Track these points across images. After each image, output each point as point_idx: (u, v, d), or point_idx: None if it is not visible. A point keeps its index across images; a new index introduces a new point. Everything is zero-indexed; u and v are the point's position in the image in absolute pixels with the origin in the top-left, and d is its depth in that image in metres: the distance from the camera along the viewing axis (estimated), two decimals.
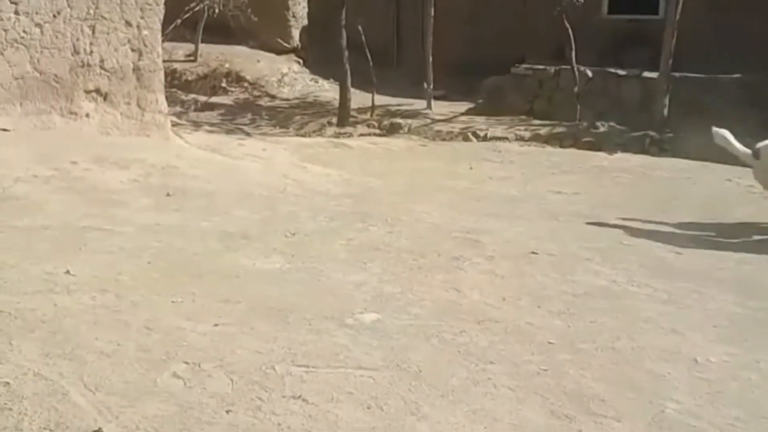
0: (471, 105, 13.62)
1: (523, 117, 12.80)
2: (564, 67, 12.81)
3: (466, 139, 11.82)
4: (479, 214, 6.49)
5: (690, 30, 11.56)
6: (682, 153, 10.15)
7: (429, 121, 12.90)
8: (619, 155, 10.01)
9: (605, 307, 4.38)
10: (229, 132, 12.12)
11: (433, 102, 13.54)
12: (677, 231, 6.17)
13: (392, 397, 3.16)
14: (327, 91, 15.13)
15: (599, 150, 10.58)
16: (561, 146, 11.15)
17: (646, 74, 12.33)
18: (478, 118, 12.86)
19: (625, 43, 13.29)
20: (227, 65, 15.41)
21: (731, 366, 3.65)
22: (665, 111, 11.63)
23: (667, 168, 8.89)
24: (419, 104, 13.60)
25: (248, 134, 11.97)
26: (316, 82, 15.77)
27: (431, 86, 13.55)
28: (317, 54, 15.62)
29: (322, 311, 4.02)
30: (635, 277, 4.94)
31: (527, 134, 11.88)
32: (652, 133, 11.29)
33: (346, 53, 13.01)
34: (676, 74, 11.75)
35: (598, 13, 14.34)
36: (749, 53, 11.39)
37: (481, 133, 11.99)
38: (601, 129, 11.85)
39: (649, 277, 4.94)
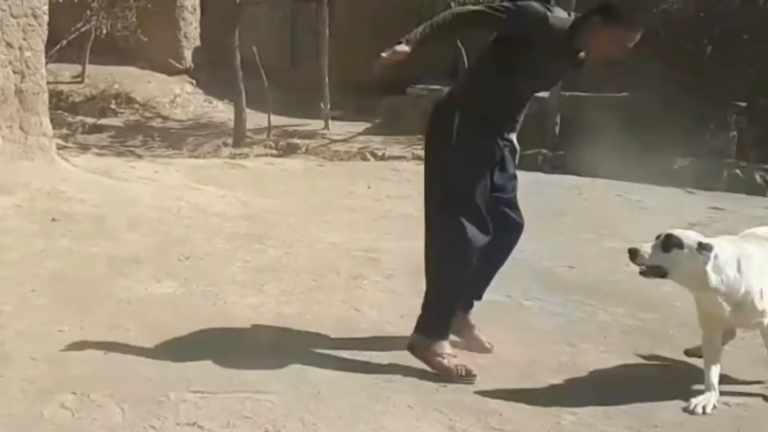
0: (368, 125, 13.68)
1: (420, 136, 12.90)
2: None
3: (363, 158, 11.85)
4: (378, 233, 6.48)
5: None
6: (573, 170, 10.43)
7: (326, 141, 12.88)
8: None
9: (500, 321, 4.42)
10: (119, 154, 11.80)
11: (330, 122, 13.54)
12: (568, 245, 6.31)
13: (291, 420, 3.10)
14: (221, 111, 14.93)
15: None
16: None
17: (539, 93, 12.64)
18: (375, 138, 12.92)
19: None
20: (116, 86, 15.03)
21: (623, 376, 3.74)
22: (557, 129, 11.95)
23: (558, 184, 9.11)
24: (316, 124, 13.58)
25: (140, 156, 11.68)
26: (210, 102, 15.56)
27: (328, 106, 13.56)
28: (211, 74, 15.41)
29: (218, 335, 3.92)
30: (528, 291, 5.01)
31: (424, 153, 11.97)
32: (544, 151, 11.57)
33: (240, 74, 12.88)
34: (566, 93, 12.09)
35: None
36: (634, 73, 11.82)
37: (379, 153, 12.04)
38: None
39: (541, 291, 5.03)
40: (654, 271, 3.36)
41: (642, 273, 3.39)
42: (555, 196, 8.48)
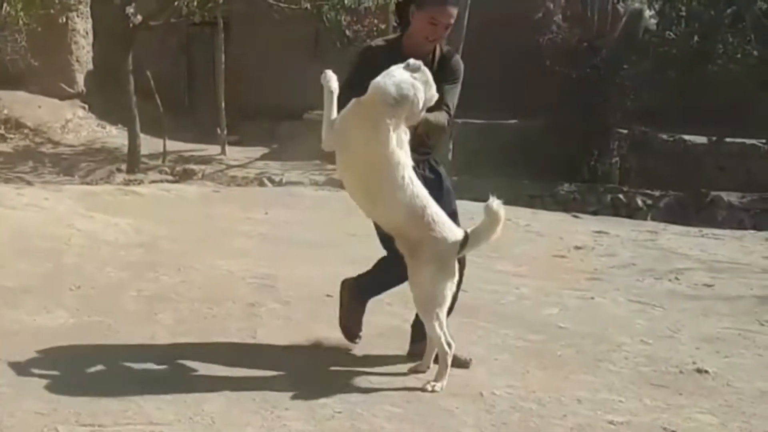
0: (266, 150, 13.69)
1: (317, 162, 13.00)
2: None
3: (261, 184, 11.85)
4: (275, 259, 6.48)
5: (470, 77, 12.24)
6: (466, 194, 10.66)
7: (223, 166, 12.83)
8: None
9: (398, 346, 4.50)
10: (7, 181, 11.44)
11: (227, 147, 13.49)
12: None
13: None
14: (115, 137, 14.68)
15: None
16: None
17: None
18: (273, 163, 12.95)
19: None
20: (5, 111, 14.59)
21: (513, 398, 3.86)
22: (450, 155, 12.22)
23: None
24: (213, 150, 13.50)
25: (30, 183, 11.35)
26: (104, 128, 15.28)
27: (225, 132, 13.51)
28: (104, 99, 15.15)
29: (110, 366, 3.87)
30: None
31: (322, 178, 12.08)
32: None
33: (134, 99, 12.72)
34: (459, 120, 12.40)
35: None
36: (524, 101, 12.24)
37: (277, 178, 12.07)
38: None
39: None
40: None
41: None
42: None
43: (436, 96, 3.80)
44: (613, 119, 11.90)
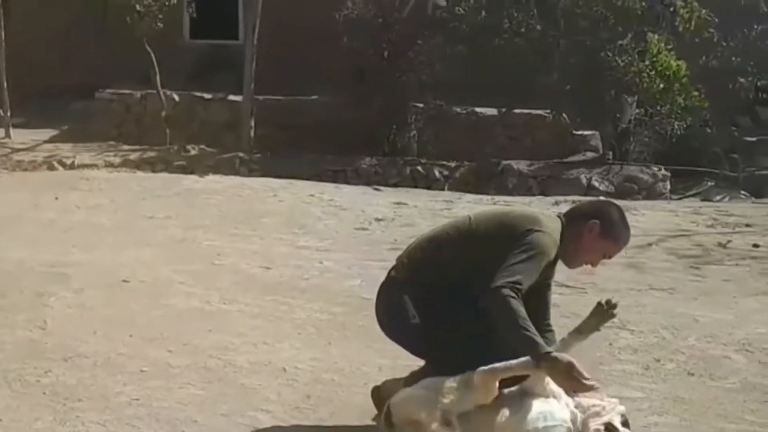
0: (55, 132, 12.94)
1: (112, 142, 12.46)
2: (150, 91, 12.71)
3: (51, 168, 11.20)
4: (66, 246, 6.18)
5: (269, 54, 12.13)
6: (271, 172, 10.62)
7: (8, 150, 11.99)
8: (210, 177, 10.17)
9: (199, 327, 4.41)
10: None
11: (11, 130, 12.63)
12: (266, 246, 6.43)
13: None
14: None
15: (191, 173, 10.67)
16: (153, 171, 11.05)
17: (232, 97, 12.69)
18: (63, 146, 12.25)
19: (210, 67, 13.58)
20: None
21: (316, 370, 3.89)
22: (251, 132, 12.08)
23: (255, 187, 9.21)
24: None
25: None
26: None
27: (9, 114, 12.63)
28: None
29: None
30: (227, 295, 5.04)
31: (117, 160, 11.59)
32: (241, 154, 11.65)
33: None
34: (260, 97, 12.26)
35: (181, 38, 14.46)
36: (324, 77, 12.26)
37: (68, 161, 11.44)
38: (192, 152, 11.95)
39: (240, 293, 5.08)
40: None
41: None
42: (252, 198, 8.59)
43: None
44: (410, 94, 12.15)
